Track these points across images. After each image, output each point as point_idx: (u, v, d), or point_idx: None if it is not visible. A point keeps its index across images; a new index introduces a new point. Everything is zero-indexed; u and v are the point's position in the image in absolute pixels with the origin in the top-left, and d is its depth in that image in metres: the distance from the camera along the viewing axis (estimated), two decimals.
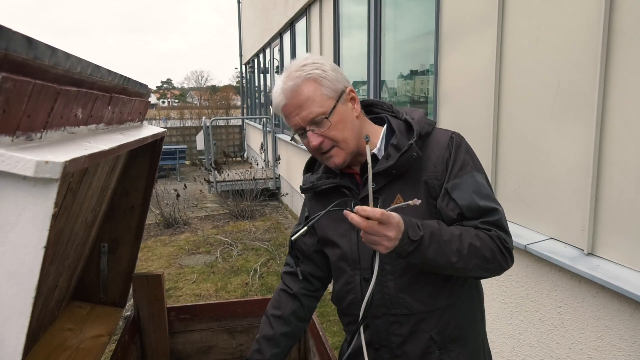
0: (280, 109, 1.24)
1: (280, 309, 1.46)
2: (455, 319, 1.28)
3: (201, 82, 65.35)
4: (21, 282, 0.71)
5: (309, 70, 1.21)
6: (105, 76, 1.16)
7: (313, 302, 1.51)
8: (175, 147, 12.83)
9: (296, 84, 1.19)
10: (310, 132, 1.21)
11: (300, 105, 1.20)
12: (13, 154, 0.67)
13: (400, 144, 1.23)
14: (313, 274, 1.48)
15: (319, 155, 1.27)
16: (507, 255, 1.20)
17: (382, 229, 1.05)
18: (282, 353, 1.47)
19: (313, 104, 1.19)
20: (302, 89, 1.19)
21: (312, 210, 1.41)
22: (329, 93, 1.21)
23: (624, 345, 1.86)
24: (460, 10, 2.86)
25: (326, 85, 1.21)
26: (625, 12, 1.81)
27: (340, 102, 1.22)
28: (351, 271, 1.33)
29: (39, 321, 1.56)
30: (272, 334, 1.45)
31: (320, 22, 6.03)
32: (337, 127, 1.21)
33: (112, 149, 1.00)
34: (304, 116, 1.20)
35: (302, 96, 1.19)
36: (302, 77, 1.20)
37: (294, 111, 1.21)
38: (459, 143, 1.25)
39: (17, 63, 0.71)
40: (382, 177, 1.24)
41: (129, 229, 1.90)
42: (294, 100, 1.20)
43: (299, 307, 1.47)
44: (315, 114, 1.19)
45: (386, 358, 1.31)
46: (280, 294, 1.49)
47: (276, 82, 1.26)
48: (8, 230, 0.69)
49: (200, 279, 5.08)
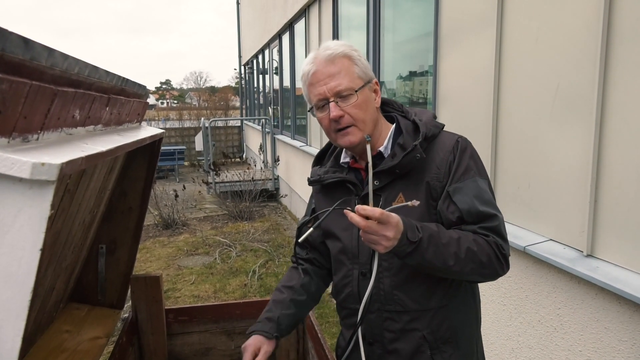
0: (308, 76, 1.25)
1: (291, 281, 1.47)
2: (448, 320, 1.30)
3: (200, 83, 65.36)
4: (17, 285, 0.71)
5: (347, 49, 1.24)
6: (103, 77, 1.15)
7: (322, 281, 1.52)
8: (174, 148, 12.81)
9: (334, 54, 1.22)
10: (334, 104, 1.22)
11: (332, 75, 1.22)
12: (9, 156, 0.67)
13: (406, 144, 1.25)
14: (321, 262, 1.52)
15: (334, 132, 1.26)
16: (503, 261, 1.21)
17: (381, 228, 1.06)
18: (292, 317, 1.42)
19: (345, 77, 1.22)
20: (338, 61, 1.22)
21: (318, 203, 1.45)
22: (361, 74, 1.25)
23: (623, 347, 1.86)
24: (460, 10, 2.85)
25: (360, 66, 1.25)
26: (624, 13, 1.81)
27: (367, 86, 1.26)
28: (350, 265, 1.35)
29: (36, 323, 1.56)
30: (282, 298, 1.43)
31: (320, 23, 6.03)
32: (361, 106, 1.23)
33: (109, 151, 0.99)
34: (332, 87, 1.21)
35: (336, 67, 1.22)
36: (339, 50, 1.23)
37: (323, 80, 1.22)
38: (464, 147, 1.26)
39: (13, 64, 0.70)
40: (386, 176, 1.26)
41: (127, 230, 1.89)
42: (327, 69, 1.22)
43: (309, 280, 1.48)
44: (345, 86, 1.21)
45: (379, 353, 1.33)
46: (292, 270, 1.52)
47: (309, 54, 1.29)
48: (4, 232, 0.68)
49: (198, 280, 5.07)
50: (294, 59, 7.92)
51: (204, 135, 10.16)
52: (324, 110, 1.24)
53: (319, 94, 1.23)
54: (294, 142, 7.67)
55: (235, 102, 40.47)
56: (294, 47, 7.85)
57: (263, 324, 1.38)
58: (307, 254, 1.53)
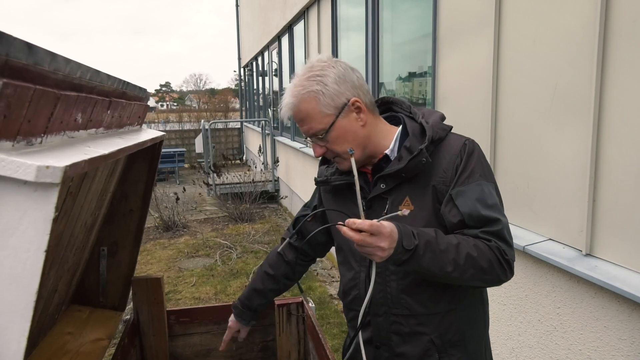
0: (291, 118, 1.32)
1: (274, 270, 1.65)
2: (456, 323, 1.29)
3: (200, 85, 65.39)
4: (22, 286, 0.72)
5: (309, 87, 1.22)
6: (104, 81, 1.16)
7: (304, 268, 1.72)
8: (174, 150, 12.84)
9: (295, 103, 1.24)
10: (314, 143, 1.28)
11: (302, 119, 1.25)
12: (14, 159, 0.68)
13: (413, 147, 1.24)
14: (308, 252, 1.65)
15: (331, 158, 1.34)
16: (506, 267, 1.19)
17: (375, 240, 1.06)
18: (267, 303, 1.75)
19: (312, 120, 1.23)
20: (301, 106, 1.23)
21: (326, 202, 1.48)
22: (328, 110, 1.22)
23: (622, 345, 1.87)
24: (458, 11, 2.87)
25: (324, 103, 1.22)
26: (621, 13, 1.82)
27: (341, 116, 1.23)
28: (357, 267, 1.35)
29: (38, 325, 1.56)
30: (261, 288, 1.68)
31: (319, 24, 6.04)
32: (337, 141, 1.24)
33: (111, 153, 1.00)
34: (305, 130, 1.27)
35: (302, 113, 1.24)
36: (300, 95, 1.23)
37: (299, 123, 1.28)
38: (471, 150, 1.25)
39: (17, 69, 0.71)
40: (392, 179, 1.25)
41: (129, 233, 1.90)
42: (296, 116, 1.26)
43: (290, 271, 1.64)
44: (315, 130, 1.24)
45: (386, 357, 1.33)
46: (277, 257, 1.65)
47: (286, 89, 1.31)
48: (9, 234, 0.69)
49: (199, 282, 5.08)
50: (293, 60, 7.93)
51: (204, 138, 10.18)
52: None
53: (303, 133, 1.30)
54: (294, 144, 7.68)
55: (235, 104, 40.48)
56: (293, 49, 7.87)
57: (245, 311, 1.74)
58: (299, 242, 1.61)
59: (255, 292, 1.69)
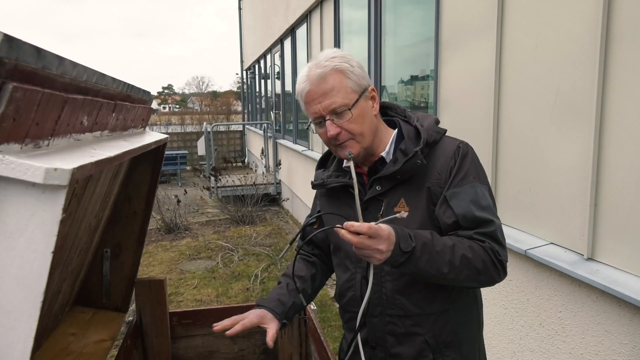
0: (303, 95, 1.26)
1: (302, 272, 1.50)
2: (450, 324, 1.30)
3: (202, 88, 65.54)
4: (29, 287, 0.73)
5: (338, 62, 1.23)
6: (109, 84, 1.18)
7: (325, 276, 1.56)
8: (176, 153, 12.85)
9: (324, 72, 1.22)
10: (329, 122, 1.23)
11: (325, 93, 1.22)
12: (23, 162, 0.69)
13: (408, 149, 1.26)
14: (325, 259, 1.57)
15: (334, 145, 1.29)
16: (499, 267, 1.21)
17: (373, 242, 1.07)
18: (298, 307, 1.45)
19: (337, 94, 1.22)
20: (329, 78, 1.22)
21: (322, 206, 1.47)
22: (354, 87, 1.24)
23: (624, 350, 1.87)
24: (460, 15, 2.88)
25: (352, 79, 1.24)
26: (623, 17, 1.83)
27: (362, 97, 1.25)
28: (353, 269, 1.36)
29: (42, 326, 1.57)
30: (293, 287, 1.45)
31: (321, 28, 6.06)
32: (357, 120, 1.24)
33: (117, 156, 1.02)
34: (326, 105, 1.22)
35: (328, 85, 1.22)
36: (330, 66, 1.22)
37: (317, 99, 1.23)
38: (465, 153, 1.27)
39: (27, 73, 0.72)
40: (388, 181, 1.27)
41: (132, 234, 1.91)
42: (319, 88, 1.22)
43: (315, 273, 1.52)
44: (338, 104, 1.22)
45: (381, 357, 1.34)
46: (300, 261, 1.52)
47: (302, 70, 1.29)
48: (18, 235, 0.70)
49: (201, 285, 5.08)
50: (295, 63, 7.95)
51: (206, 140, 10.20)
52: (322, 127, 1.26)
53: (314, 113, 1.25)
54: (296, 147, 7.70)
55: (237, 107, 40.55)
56: (296, 52, 7.89)
57: (276, 304, 1.40)
58: (313, 249, 1.58)
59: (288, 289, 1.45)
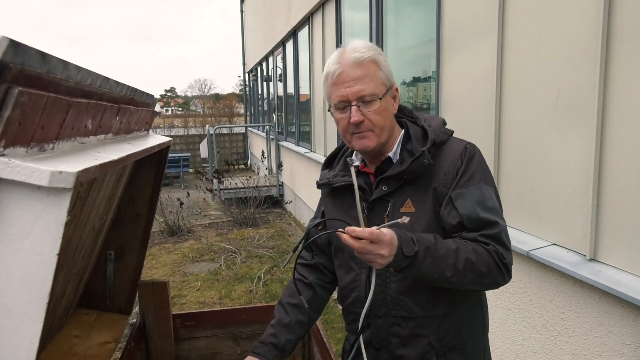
0: (334, 77, 1.24)
1: (296, 298, 1.47)
2: (454, 327, 1.30)
3: (205, 90, 65.64)
4: (35, 289, 0.74)
5: (375, 53, 1.24)
6: (113, 87, 1.19)
7: (326, 294, 1.54)
8: (179, 155, 12.88)
9: (361, 58, 1.21)
10: (355, 108, 1.22)
11: (358, 78, 1.21)
12: (28, 165, 0.70)
13: (415, 150, 1.26)
14: (326, 266, 1.52)
15: (350, 135, 1.27)
16: (504, 271, 1.20)
17: (375, 247, 1.07)
18: (295, 341, 1.48)
19: (370, 82, 1.22)
20: (366, 64, 1.22)
21: (327, 207, 1.45)
22: (385, 80, 1.25)
23: (627, 350, 1.87)
24: (461, 16, 2.89)
25: (385, 72, 1.25)
26: (624, 18, 1.83)
27: (388, 93, 1.26)
28: (358, 269, 1.36)
29: (47, 328, 1.58)
30: (287, 320, 1.46)
31: (323, 30, 6.08)
32: (382, 113, 1.24)
33: (121, 159, 1.03)
34: (356, 90, 1.21)
35: (363, 71, 1.21)
36: (368, 54, 1.23)
37: (348, 82, 1.22)
38: (472, 154, 1.27)
39: (32, 77, 0.73)
40: (394, 181, 1.27)
41: (135, 237, 1.92)
42: (353, 72, 1.21)
43: (313, 296, 1.50)
44: (369, 92, 1.21)
45: (385, 359, 1.34)
46: (296, 282, 1.49)
47: (335, 52, 1.28)
48: (23, 238, 0.71)
49: (204, 287, 5.09)
50: (297, 66, 7.97)
51: (209, 143, 10.22)
52: (345, 112, 1.24)
53: (341, 95, 1.22)
54: (299, 149, 7.71)
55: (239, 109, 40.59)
56: (298, 54, 7.91)
57: (269, 349, 1.42)
58: (313, 257, 1.52)
59: (280, 326, 1.46)
